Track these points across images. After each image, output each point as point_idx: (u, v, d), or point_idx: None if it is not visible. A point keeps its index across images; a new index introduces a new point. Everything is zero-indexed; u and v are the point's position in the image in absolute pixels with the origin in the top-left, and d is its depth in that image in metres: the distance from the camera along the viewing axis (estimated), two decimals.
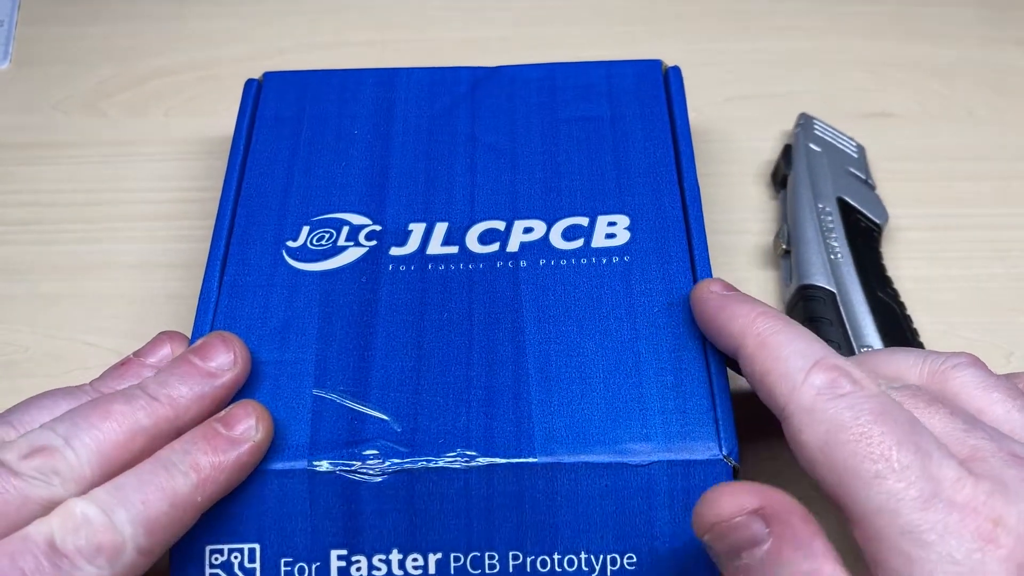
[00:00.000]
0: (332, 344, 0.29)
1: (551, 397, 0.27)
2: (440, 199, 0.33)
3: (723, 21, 0.47)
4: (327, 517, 0.26)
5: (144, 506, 0.22)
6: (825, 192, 0.37)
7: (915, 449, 0.21)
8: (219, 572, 0.25)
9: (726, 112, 0.43)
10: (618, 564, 0.25)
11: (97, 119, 0.44)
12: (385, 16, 0.48)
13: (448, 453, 0.26)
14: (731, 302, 0.26)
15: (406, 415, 0.27)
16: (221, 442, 0.24)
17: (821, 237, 0.36)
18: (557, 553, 0.25)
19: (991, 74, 0.45)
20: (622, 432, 0.26)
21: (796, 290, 0.35)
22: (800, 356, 0.23)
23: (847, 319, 0.34)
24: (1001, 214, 0.40)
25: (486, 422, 0.27)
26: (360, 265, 0.31)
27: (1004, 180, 0.41)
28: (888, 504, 0.20)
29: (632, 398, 0.27)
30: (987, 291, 0.38)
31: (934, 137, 0.43)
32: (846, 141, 0.40)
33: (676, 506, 0.25)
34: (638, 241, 0.31)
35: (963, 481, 0.20)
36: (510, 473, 0.26)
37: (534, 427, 0.27)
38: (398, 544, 0.25)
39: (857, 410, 0.21)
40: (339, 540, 0.25)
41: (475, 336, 0.29)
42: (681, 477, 0.26)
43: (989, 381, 0.24)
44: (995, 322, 0.37)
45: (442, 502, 0.26)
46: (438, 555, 0.25)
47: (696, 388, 0.27)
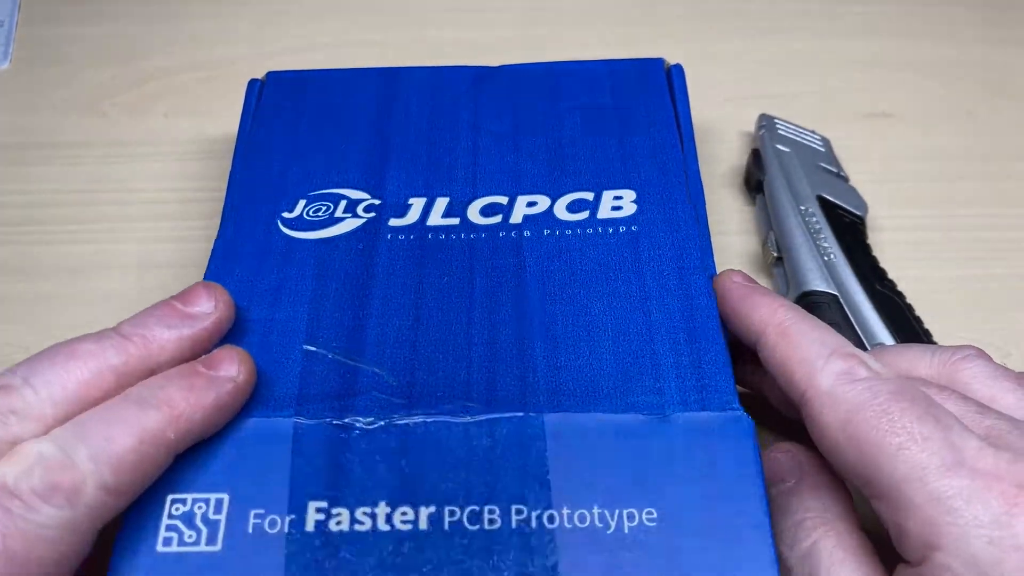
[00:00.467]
0: (325, 304, 0.28)
1: (557, 354, 0.26)
2: (441, 177, 0.32)
3: (723, 22, 0.47)
4: (308, 467, 0.24)
5: (108, 442, 0.21)
6: (804, 192, 0.37)
7: (935, 422, 0.21)
8: (177, 524, 0.23)
9: (726, 112, 0.43)
10: (636, 520, 0.23)
11: (97, 119, 0.44)
12: (385, 16, 0.48)
13: (447, 406, 0.25)
14: (753, 293, 0.27)
15: (402, 370, 0.26)
16: (199, 380, 0.23)
17: (811, 240, 0.36)
18: (567, 508, 0.23)
19: (991, 74, 0.45)
20: (634, 386, 0.26)
21: (797, 298, 0.35)
22: (819, 344, 0.24)
23: (854, 320, 0.34)
24: (1000, 214, 0.40)
25: (488, 377, 0.26)
26: (357, 234, 0.30)
27: (1004, 180, 0.41)
28: (913, 473, 0.20)
29: (644, 354, 0.26)
30: (986, 291, 0.38)
31: (934, 137, 0.43)
32: (810, 136, 0.40)
33: (697, 461, 0.24)
34: (645, 212, 0.31)
35: (985, 451, 0.21)
36: (514, 426, 0.24)
37: (539, 381, 0.26)
38: (386, 496, 0.23)
39: (875, 391, 0.22)
40: (319, 491, 0.23)
41: (476, 298, 0.28)
42: (701, 433, 0.24)
43: (998, 372, 0.25)
44: (994, 322, 0.37)
45: (438, 453, 0.24)
46: (431, 508, 0.23)
47: (711, 344, 0.27)
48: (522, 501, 0.23)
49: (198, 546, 0.22)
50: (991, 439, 0.21)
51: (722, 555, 0.22)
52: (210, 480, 0.23)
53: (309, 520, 0.23)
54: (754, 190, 0.40)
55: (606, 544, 0.22)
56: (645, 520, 0.23)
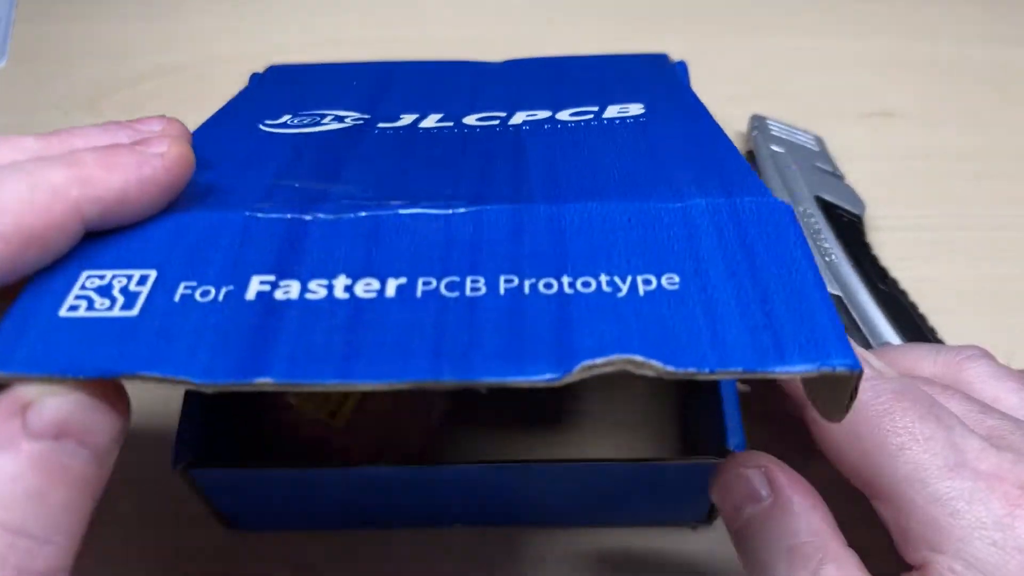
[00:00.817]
0: (300, 162, 0.25)
1: (557, 183, 0.23)
2: (437, 103, 0.30)
3: (723, 21, 0.47)
4: (257, 249, 0.20)
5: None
6: (801, 194, 0.37)
7: (937, 422, 0.21)
8: (89, 294, 0.19)
9: (726, 112, 0.43)
10: (654, 284, 0.19)
11: (94, 117, 0.44)
12: (384, 14, 0.48)
13: (427, 203, 0.21)
14: None
15: (381, 187, 0.23)
16: (120, 151, 0.20)
17: (812, 242, 0.36)
18: (567, 276, 0.19)
19: (993, 73, 0.45)
20: (648, 191, 0.22)
21: None
22: None
23: (860, 321, 0.34)
24: (1002, 214, 0.40)
25: (477, 188, 0.23)
26: (342, 131, 0.28)
27: (1006, 180, 0.41)
28: (915, 474, 0.20)
29: (659, 179, 0.22)
30: (990, 291, 0.38)
31: (936, 136, 0.43)
32: (803, 135, 0.40)
33: (728, 236, 0.20)
34: (655, 113, 0.28)
35: (987, 451, 0.20)
36: (505, 215, 0.21)
37: (534, 189, 0.22)
38: (347, 270, 0.20)
39: (878, 390, 0.22)
40: (267, 267, 0.20)
41: (468, 153, 0.25)
42: (727, 211, 0.21)
43: (1002, 372, 0.25)
44: (996, 321, 0.37)
45: (414, 239, 0.20)
46: (401, 280, 0.19)
47: (734, 161, 0.23)
48: (514, 272, 0.19)
49: (110, 312, 0.19)
50: (993, 439, 0.21)
51: (772, 311, 0.18)
52: (137, 257, 0.20)
53: (251, 290, 0.19)
54: None
55: (618, 307, 0.18)
56: (665, 285, 0.19)
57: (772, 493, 0.22)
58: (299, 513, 0.30)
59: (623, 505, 0.30)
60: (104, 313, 0.19)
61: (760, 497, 0.22)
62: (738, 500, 0.23)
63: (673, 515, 0.30)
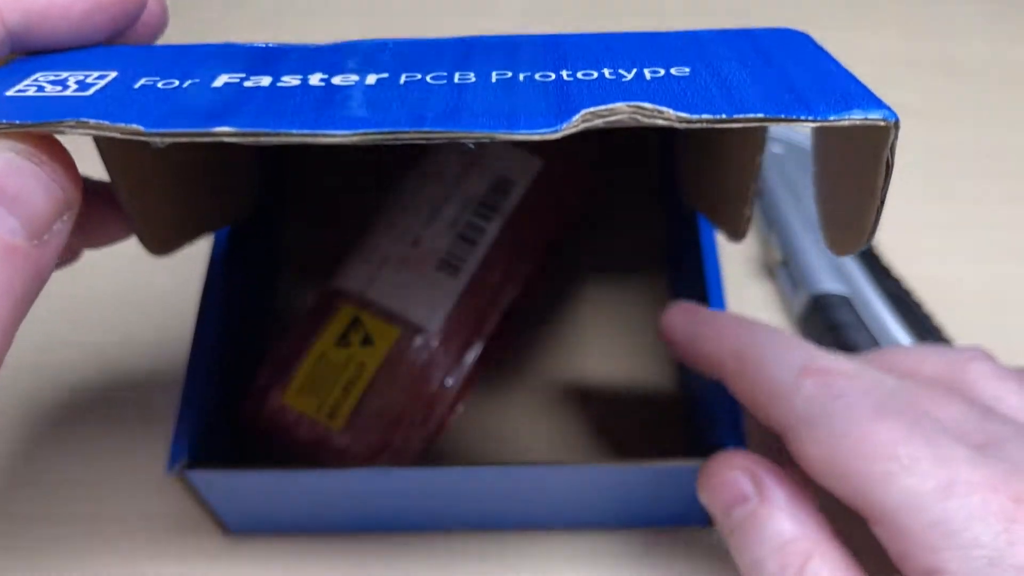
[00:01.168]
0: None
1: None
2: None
3: (723, 21, 0.47)
4: (227, 60, 0.18)
5: None
6: (803, 193, 0.37)
7: (922, 440, 0.20)
8: (41, 83, 0.17)
9: None
10: (662, 73, 0.17)
11: None
12: (384, 11, 0.48)
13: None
14: (700, 325, 0.25)
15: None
16: None
17: (817, 241, 0.35)
18: (566, 70, 0.17)
19: (999, 71, 0.45)
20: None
21: (809, 300, 0.34)
22: (784, 367, 0.23)
23: (867, 319, 0.33)
24: (1009, 213, 0.40)
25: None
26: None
27: (1012, 179, 0.41)
28: (908, 501, 0.20)
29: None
30: (995, 290, 0.37)
31: (941, 135, 0.42)
32: (802, 136, 0.40)
33: (744, 45, 0.19)
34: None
35: (976, 461, 0.20)
36: (499, 41, 0.19)
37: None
38: (323, 69, 0.18)
39: (855, 411, 0.21)
40: (237, 69, 0.18)
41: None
42: (744, 36, 0.20)
43: (1004, 372, 0.24)
44: (1000, 321, 0.36)
45: (399, 49, 0.18)
46: (382, 75, 0.17)
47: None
48: (507, 68, 0.18)
49: (62, 93, 0.17)
50: (990, 447, 0.21)
51: (794, 84, 0.17)
52: (95, 62, 0.18)
53: (218, 81, 0.17)
54: None
55: (623, 86, 0.16)
56: (675, 73, 0.17)
57: (759, 493, 0.23)
58: (296, 516, 0.30)
59: (629, 507, 0.30)
60: (55, 94, 0.17)
61: (748, 498, 0.23)
62: (727, 503, 0.23)
63: (681, 516, 0.30)
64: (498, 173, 0.34)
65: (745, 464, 0.23)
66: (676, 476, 0.27)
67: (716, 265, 0.30)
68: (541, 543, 0.31)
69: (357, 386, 0.29)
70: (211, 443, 0.28)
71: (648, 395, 0.34)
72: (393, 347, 0.30)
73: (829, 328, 0.33)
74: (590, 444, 0.33)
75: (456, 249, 0.32)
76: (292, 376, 0.30)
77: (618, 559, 0.30)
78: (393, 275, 0.31)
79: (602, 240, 0.38)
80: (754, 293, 0.37)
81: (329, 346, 0.30)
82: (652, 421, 0.33)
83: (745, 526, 0.23)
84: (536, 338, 0.35)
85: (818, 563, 0.21)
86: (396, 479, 0.27)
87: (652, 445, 0.32)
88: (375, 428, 0.29)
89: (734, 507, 0.23)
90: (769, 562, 0.22)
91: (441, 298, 0.31)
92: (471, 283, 0.31)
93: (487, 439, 0.33)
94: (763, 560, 0.22)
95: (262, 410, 0.30)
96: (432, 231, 0.32)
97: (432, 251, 0.31)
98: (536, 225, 0.33)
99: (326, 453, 0.29)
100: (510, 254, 0.32)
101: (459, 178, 0.33)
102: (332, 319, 0.31)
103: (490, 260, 0.32)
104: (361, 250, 0.32)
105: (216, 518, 0.29)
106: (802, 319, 0.35)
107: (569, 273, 0.37)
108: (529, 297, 0.35)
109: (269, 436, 0.30)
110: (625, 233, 0.38)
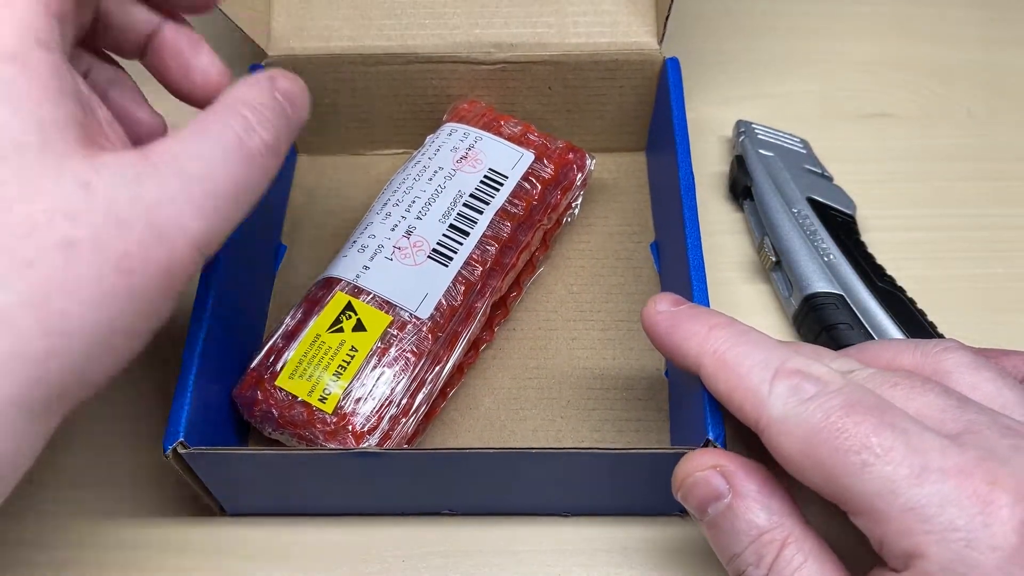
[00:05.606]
0: None
1: None
2: None
3: (722, 21, 0.47)
4: None
5: None
6: (794, 195, 0.37)
7: (892, 430, 0.21)
8: None
9: (725, 112, 0.43)
10: None
11: None
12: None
13: None
14: (681, 319, 0.26)
15: None
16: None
17: (808, 242, 0.36)
18: None
19: (990, 75, 0.45)
20: None
21: (802, 301, 0.35)
22: (760, 367, 0.23)
23: (862, 318, 0.34)
24: (1000, 214, 0.40)
25: None
26: None
27: (1003, 180, 0.41)
28: (883, 487, 0.20)
29: None
30: (986, 291, 0.37)
31: (933, 138, 0.43)
32: (790, 139, 0.40)
33: None
34: None
35: (948, 449, 0.20)
36: None
37: None
38: None
39: (826, 408, 0.22)
40: None
41: None
42: None
43: (979, 362, 0.24)
44: (994, 322, 0.36)
45: None
46: None
47: None
48: None
49: None
50: (966, 435, 0.21)
51: None
52: None
53: None
54: (741, 196, 0.39)
55: None
56: None
57: (731, 488, 0.23)
58: (290, 498, 0.30)
59: (614, 494, 0.30)
60: None
61: (722, 495, 0.24)
62: (701, 501, 0.24)
63: (667, 504, 0.30)
64: (491, 167, 0.34)
65: (716, 461, 0.24)
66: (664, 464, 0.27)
67: (700, 262, 0.30)
68: (532, 528, 0.31)
69: (349, 370, 0.30)
70: (206, 426, 0.28)
71: (636, 383, 0.34)
72: (384, 333, 0.30)
73: (824, 328, 0.34)
74: (577, 431, 0.33)
75: (448, 240, 0.32)
76: (286, 360, 0.30)
77: (603, 546, 0.31)
78: (386, 264, 0.32)
79: (592, 231, 0.39)
80: (750, 295, 0.38)
81: (322, 331, 0.30)
82: (639, 409, 0.33)
83: (720, 521, 0.23)
84: (525, 327, 0.36)
85: (792, 550, 0.22)
86: (386, 462, 0.27)
87: (639, 435, 0.33)
88: (365, 412, 0.29)
89: (708, 504, 0.24)
90: (746, 554, 0.23)
91: (432, 287, 0.31)
92: (461, 272, 0.32)
93: (476, 425, 0.33)
94: (740, 553, 0.23)
95: (256, 393, 0.30)
96: (425, 222, 0.33)
97: (424, 241, 0.32)
98: (527, 217, 0.34)
99: (318, 436, 0.29)
100: (501, 245, 0.33)
101: (453, 171, 0.34)
102: (326, 305, 0.31)
103: (481, 251, 0.32)
104: (356, 239, 0.33)
105: (212, 500, 0.30)
106: (797, 319, 0.35)
107: (559, 263, 0.38)
108: (519, 287, 0.36)
109: (263, 419, 0.30)
110: (617, 226, 0.39)
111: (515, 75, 0.38)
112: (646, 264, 0.37)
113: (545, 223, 0.35)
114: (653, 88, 0.38)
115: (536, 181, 0.35)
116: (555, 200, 0.35)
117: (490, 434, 0.33)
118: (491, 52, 0.38)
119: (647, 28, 0.37)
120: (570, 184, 0.36)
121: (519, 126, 0.37)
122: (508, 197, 0.34)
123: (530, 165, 0.35)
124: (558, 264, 0.38)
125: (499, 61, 0.38)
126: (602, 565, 0.30)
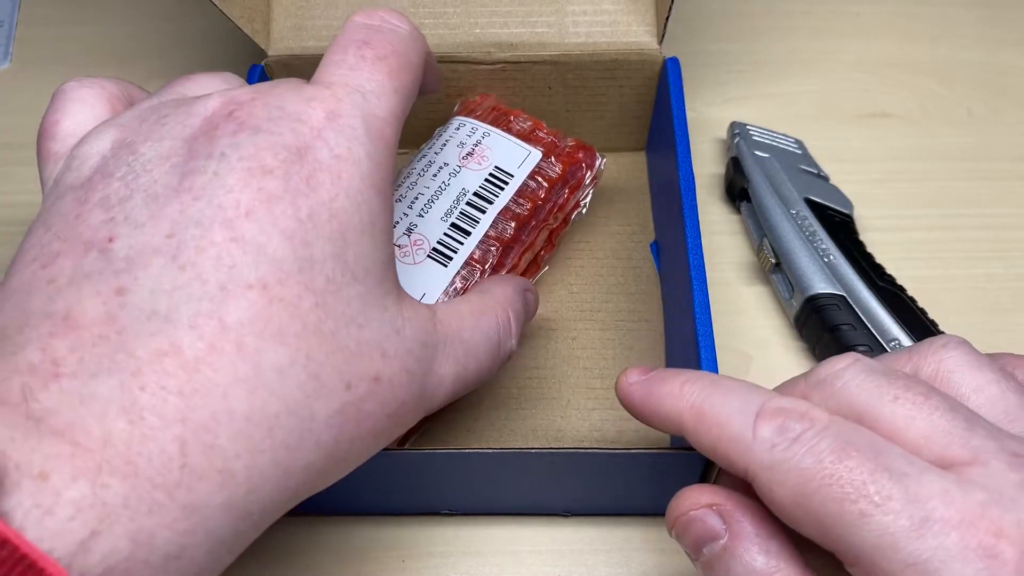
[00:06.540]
0: None
1: None
2: None
3: (722, 21, 0.47)
4: None
5: None
6: (791, 196, 0.37)
7: (889, 474, 0.20)
8: None
9: (725, 112, 0.43)
10: None
11: None
12: None
13: None
14: (654, 384, 0.25)
15: None
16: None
17: (808, 243, 0.36)
18: None
19: (990, 75, 0.45)
20: None
21: (804, 302, 0.35)
22: (740, 413, 0.22)
23: (865, 318, 0.34)
24: (1000, 214, 0.40)
25: None
26: None
27: (1003, 180, 0.41)
28: (883, 540, 0.19)
29: None
30: (986, 291, 0.37)
31: (933, 137, 0.43)
32: (784, 140, 0.40)
33: None
34: None
35: (951, 494, 0.19)
36: None
37: None
38: None
39: (816, 452, 0.21)
40: None
41: None
42: None
43: (981, 360, 0.24)
44: (994, 322, 0.37)
45: None
46: None
47: None
48: None
49: None
50: (973, 469, 0.20)
51: None
52: None
53: None
54: (737, 198, 0.39)
55: None
56: None
57: (728, 528, 0.22)
58: None
59: (614, 494, 0.30)
60: None
61: (718, 535, 0.23)
62: (697, 541, 0.23)
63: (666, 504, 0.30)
64: (497, 164, 0.34)
65: (712, 498, 0.23)
66: (663, 464, 0.27)
67: (700, 262, 0.30)
68: (531, 529, 0.31)
69: None
70: None
71: None
72: None
73: (827, 329, 0.34)
74: (577, 431, 0.33)
75: (448, 239, 0.32)
76: None
77: (603, 546, 0.31)
78: None
79: (592, 230, 0.39)
80: (750, 297, 0.38)
81: None
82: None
83: (716, 563, 0.22)
84: (525, 326, 0.36)
85: None
86: (386, 462, 0.27)
87: (639, 435, 0.33)
88: None
89: (704, 544, 0.23)
90: None
91: (429, 287, 0.31)
92: (461, 273, 0.32)
93: (476, 425, 0.33)
94: None
95: None
96: (426, 220, 0.33)
97: (424, 240, 0.32)
98: (532, 216, 0.34)
99: None
100: (504, 245, 0.33)
101: (458, 168, 0.34)
102: None
103: (483, 250, 0.32)
104: None
105: None
106: (799, 321, 0.35)
107: (558, 263, 0.38)
108: None
109: None
110: (617, 226, 0.39)
111: (515, 75, 0.38)
112: (646, 264, 0.38)
113: (551, 222, 0.35)
114: (653, 88, 0.39)
115: (543, 180, 0.34)
116: (562, 199, 0.35)
117: (490, 434, 0.33)
118: (491, 52, 0.38)
119: (647, 28, 0.37)
120: (579, 183, 0.35)
121: (529, 122, 0.36)
122: (513, 196, 0.34)
123: (537, 163, 0.35)
124: (558, 264, 0.38)
125: (499, 61, 0.38)
126: (602, 565, 0.30)
